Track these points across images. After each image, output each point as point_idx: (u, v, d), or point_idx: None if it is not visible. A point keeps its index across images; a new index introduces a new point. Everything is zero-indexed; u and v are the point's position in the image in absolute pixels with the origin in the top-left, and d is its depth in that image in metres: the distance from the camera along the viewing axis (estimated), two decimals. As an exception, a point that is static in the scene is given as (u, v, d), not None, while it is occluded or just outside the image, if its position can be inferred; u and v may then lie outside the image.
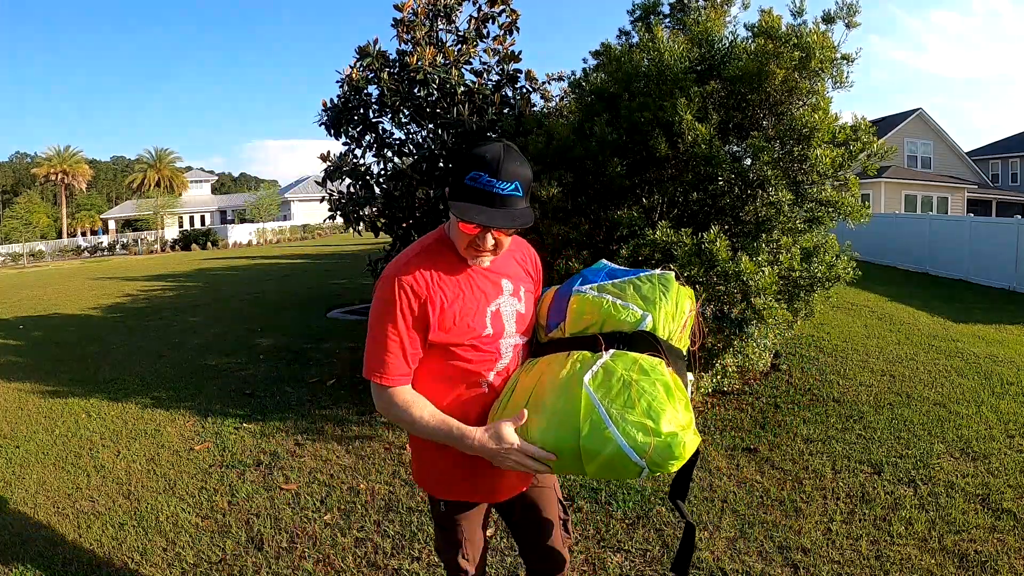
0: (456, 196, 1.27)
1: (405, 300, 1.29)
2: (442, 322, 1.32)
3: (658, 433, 1.16)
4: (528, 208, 1.30)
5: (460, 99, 5.29)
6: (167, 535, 2.80)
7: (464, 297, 1.35)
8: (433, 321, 1.31)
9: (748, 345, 3.86)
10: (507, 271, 1.45)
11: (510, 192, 1.25)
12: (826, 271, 3.89)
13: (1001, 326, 6.42)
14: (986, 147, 29.90)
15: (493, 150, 1.25)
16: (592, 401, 1.21)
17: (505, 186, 1.24)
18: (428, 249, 1.37)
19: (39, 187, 49.29)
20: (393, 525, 2.82)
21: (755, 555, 2.50)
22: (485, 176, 1.23)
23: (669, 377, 1.25)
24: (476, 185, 1.24)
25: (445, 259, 1.36)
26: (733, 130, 4.10)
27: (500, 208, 1.24)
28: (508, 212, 1.25)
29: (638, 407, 1.18)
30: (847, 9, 3.94)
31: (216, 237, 31.11)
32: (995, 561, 2.39)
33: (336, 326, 7.32)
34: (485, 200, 1.24)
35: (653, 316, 1.34)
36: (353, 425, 4.04)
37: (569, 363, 1.31)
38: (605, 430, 1.17)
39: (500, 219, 1.24)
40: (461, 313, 1.34)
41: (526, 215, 1.27)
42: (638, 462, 1.16)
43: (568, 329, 1.41)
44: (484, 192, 1.24)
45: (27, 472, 3.54)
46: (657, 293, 1.39)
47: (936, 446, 3.43)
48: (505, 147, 1.26)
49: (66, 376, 5.58)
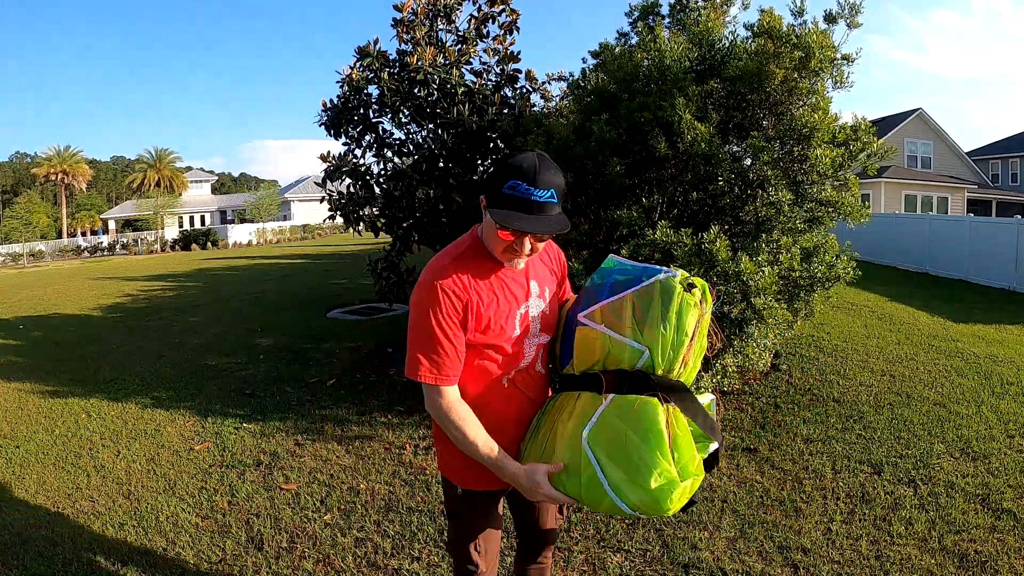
0: (495, 204, 1.33)
1: (448, 303, 1.36)
2: (478, 324, 1.40)
3: (647, 491, 1.26)
4: (563, 214, 1.37)
5: (460, 99, 5.29)
6: (167, 535, 2.80)
7: (498, 301, 1.43)
8: (471, 324, 1.39)
9: (748, 345, 3.85)
10: (535, 273, 1.52)
11: (547, 199, 1.31)
12: (826, 271, 3.89)
13: (1001, 326, 6.42)
14: (986, 147, 29.89)
15: (528, 159, 1.31)
16: (589, 459, 1.32)
17: (542, 193, 1.30)
18: (464, 254, 1.43)
19: (39, 187, 49.28)
20: (393, 525, 2.82)
21: (755, 555, 2.50)
22: (523, 184, 1.29)
23: (663, 422, 1.31)
24: (514, 193, 1.30)
25: (480, 263, 1.43)
26: (733, 130, 4.10)
27: (538, 214, 1.31)
28: (546, 218, 1.32)
29: (629, 464, 1.29)
30: (849, 9, 3.94)
31: (216, 237, 31.10)
32: (995, 561, 2.39)
33: (336, 326, 7.32)
34: (523, 207, 1.30)
35: (651, 350, 1.35)
36: (353, 425, 4.04)
37: (577, 411, 1.40)
38: (601, 487, 1.30)
39: (540, 225, 1.31)
40: (495, 316, 1.42)
41: (563, 221, 1.34)
42: (632, 513, 1.29)
43: (577, 367, 1.47)
44: (522, 200, 1.30)
45: (27, 472, 3.54)
46: (656, 313, 1.35)
47: (936, 446, 3.43)
48: (539, 156, 1.33)
49: (66, 376, 5.58)
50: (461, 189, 5.11)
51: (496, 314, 1.42)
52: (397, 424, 4.01)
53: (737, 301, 3.65)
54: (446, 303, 1.36)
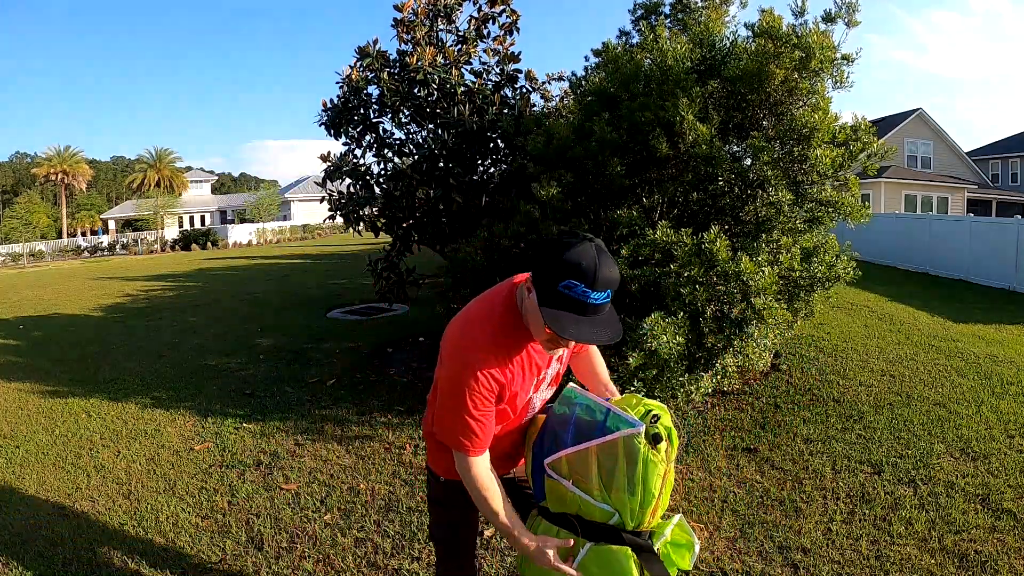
0: (546, 300, 1.26)
1: (486, 390, 1.36)
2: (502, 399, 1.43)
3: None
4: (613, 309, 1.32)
5: (460, 99, 5.29)
6: (167, 535, 2.80)
7: (526, 375, 1.45)
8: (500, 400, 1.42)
9: (748, 345, 3.85)
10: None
11: (603, 301, 1.25)
12: (826, 271, 3.89)
13: (1001, 326, 6.42)
14: (986, 147, 29.89)
15: (588, 257, 1.23)
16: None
17: (600, 296, 1.24)
18: (500, 331, 1.39)
19: (39, 187, 49.27)
20: (393, 525, 2.82)
21: (755, 555, 2.50)
22: (581, 287, 1.22)
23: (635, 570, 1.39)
24: (570, 294, 1.23)
25: (515, 340, 1.40)
26: (733, 130, 4.10)
27: (592, 316, 1.25)
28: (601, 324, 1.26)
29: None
30: (847, 8, 3.94)
31: (216, 237, 31.09)
32: (995, 561, 2.39)
33: (336, 326, 7.32)
34: (577, 309, 1.24)
35: (620, 512, 1.40)
36: (353, 425, 4.05)
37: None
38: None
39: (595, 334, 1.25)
40: (521, 391, 1.45)
41: (616, 326, 1.29)
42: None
43: (552, 507, 1.50)
44: (577, 302, 1.23)
45: (27, 472, 3.54)
46: (622, 479, 1.37)
47: (936, 446, 3.43)
48: (598, 250, 1.25)
49: (66, 376, 5.58)
50: (461, 189, 5.12)
51: (522, 387, 1.45)
52: (397, 424, 4.01)
53: (737, 301, 3.65)
54: (484, 390, 1.36)
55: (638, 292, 3.77)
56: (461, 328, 1.41)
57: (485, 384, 1.35)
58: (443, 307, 4.72)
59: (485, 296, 1.47)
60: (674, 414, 3.97)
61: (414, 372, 5.15)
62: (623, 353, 3.64)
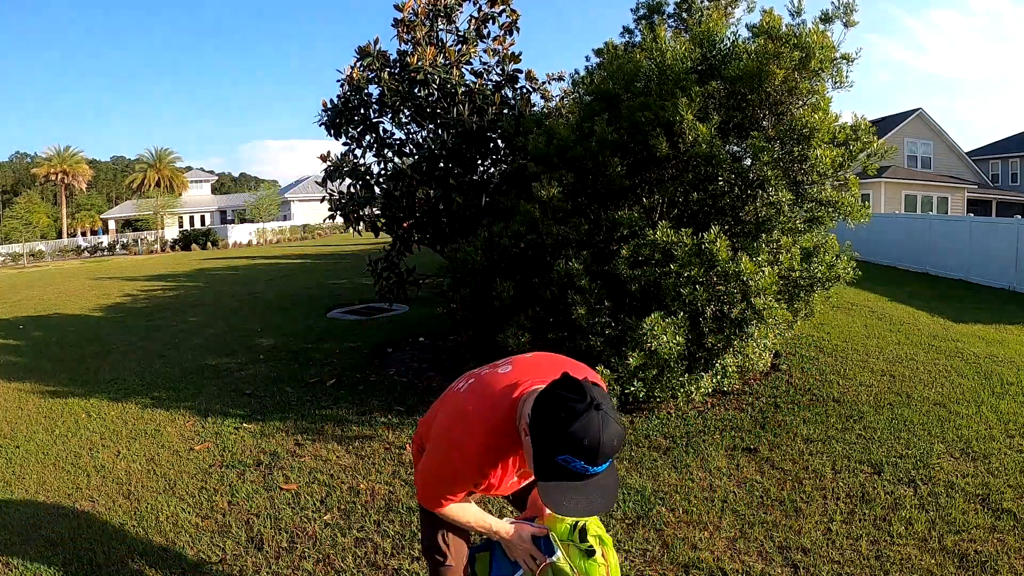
0: (544, 474, 1.22)
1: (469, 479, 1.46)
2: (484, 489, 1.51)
3: None
4: (615, 469, 1.27)
5: (460, 99, 5.29)
6: (167, 535, 2.80)
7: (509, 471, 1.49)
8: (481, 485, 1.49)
9: (748, 345, 3.85)
10: None
11: (603, 469, 1.20)
12: (826, 271, 3.90)
13: (1001, 326, 6.42)
14: (986, 147, 29.89)
15: (592, 433, 1.15)
16: None
17: (600, 468, 1.19)
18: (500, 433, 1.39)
19: (39, 187, 49.26)
20: (393, 525, 2.82)
21: (755, 555, 2.50)
22: (580, 463, 1.17)
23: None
24: (568, 467, 1.18)
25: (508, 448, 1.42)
26: (733, 130, 4.10)
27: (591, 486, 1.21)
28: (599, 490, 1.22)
29: None
30: (844, 8, 3.94)
31: (216, 237, 31.08)
32: (995, 561, 2.39)
33: (336, 326, 7.32)
34: (575, 478, 1.20)
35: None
36: (353, 425, 4.04)
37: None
38: None
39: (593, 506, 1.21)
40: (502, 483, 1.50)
41: (613, 488, 1.25)
42: None
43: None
44: (576, 474, 1.19)
45: (27, 472, 3.54)
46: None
47: (936, 446, 3.42)
48: (603, 421, 1.15)
49: (66, 376, 5.58)
50: (461, 189, 5.12)
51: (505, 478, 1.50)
52: (397, 424, 4.01)
53: (737, 301, 3.65)
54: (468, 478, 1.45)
55: (638, 292, 3.78)
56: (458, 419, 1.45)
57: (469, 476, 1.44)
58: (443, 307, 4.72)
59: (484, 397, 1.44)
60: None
61: (414, 372, 5.15)
62: (623, 353, 3.65)
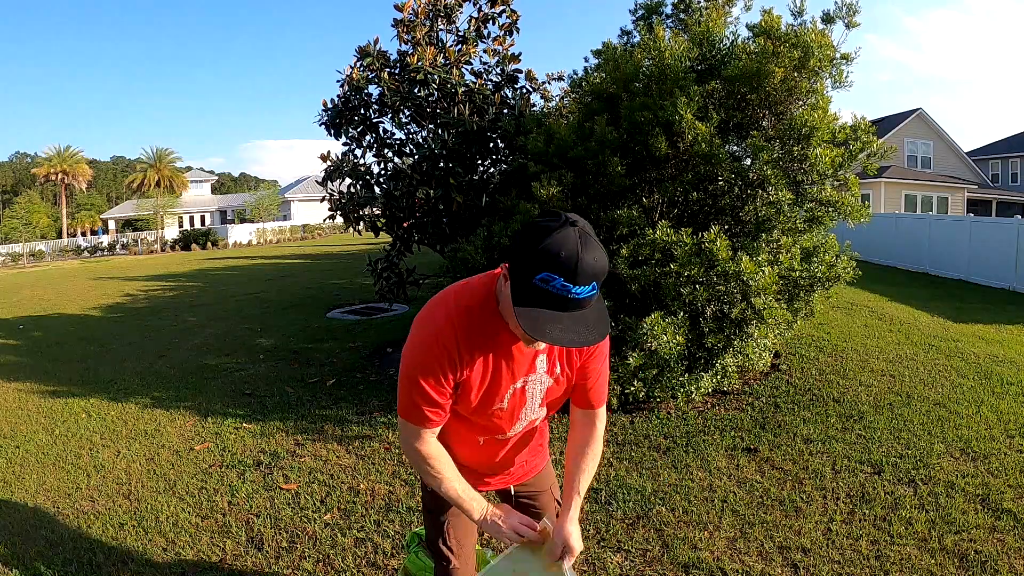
0: (521, 297, 1.08)
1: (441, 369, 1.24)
2: (464, 393, 1.29)
3: None
4: (602, 305, 1.15)
5: (460, 99, 5.30)
6: (167, 535, 2.80)
7: (493, 374, 1.29)
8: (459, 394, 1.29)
9: (748, 345, 3.86)
10: (547, 348, 1.32)
11: (587, 295, 1.07)
12: (826, 271, 3.90)
13: (1001, 326, 6.41)
14: (986, 147, 29.89)
15: (569, 245, 1.04)
16: None
17: (582, 290, 1.06)
18: (471, 312, 1.25)
19: (39, 187, 49.25)
20: (393, 525, 2.82)
21: (755, 555, 2.50)
22: (560, 280, 1.04)
23: None
24: (547, 288, 1.05)
25: (488, 329, 1.25)
26: (733, 130, 4.10)
27: (574, 311, 1.07)
28: (585, 322, 1.09)
29: None
30: (846, 9, 3.95)
31: (216, 237, 31.08)
32: (995, 561, 2.39)
33: (336, 326, 7.32)
34: (556, 305, 1.06)
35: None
36: (353, 425, 4.04)
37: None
38: None
39: (579, 336, 1.07)
40: (486, 390, 1.30)
41: (603, 324, 1.11)
42: None
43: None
44: (556, 297, 1.05)
45: (27, 472, 3.54)
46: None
47: (936, 446, 3.42)
48: (581, 235, 1.06)
49: (66, 376, 5.58)
50: (461, 189, 5.12)
51: (488, 387, 1.29)
52: (397, 424, 4.01)
53: (737, 301, 3.65)
54: (438, 367, 1.24)
55: (638, 292, 3.78)
56: (434, 300, 1.30)
57: (440, 365, 1.23)
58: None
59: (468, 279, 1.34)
60: (674, 414, 3.97)
61: (414, 372, 5.15)
62: (623, 353, 3.65)
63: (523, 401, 1.36)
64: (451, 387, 1.27)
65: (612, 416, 3.93)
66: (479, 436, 1.44)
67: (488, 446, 1.48)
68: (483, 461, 1.53)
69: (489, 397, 1.31)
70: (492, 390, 1.30)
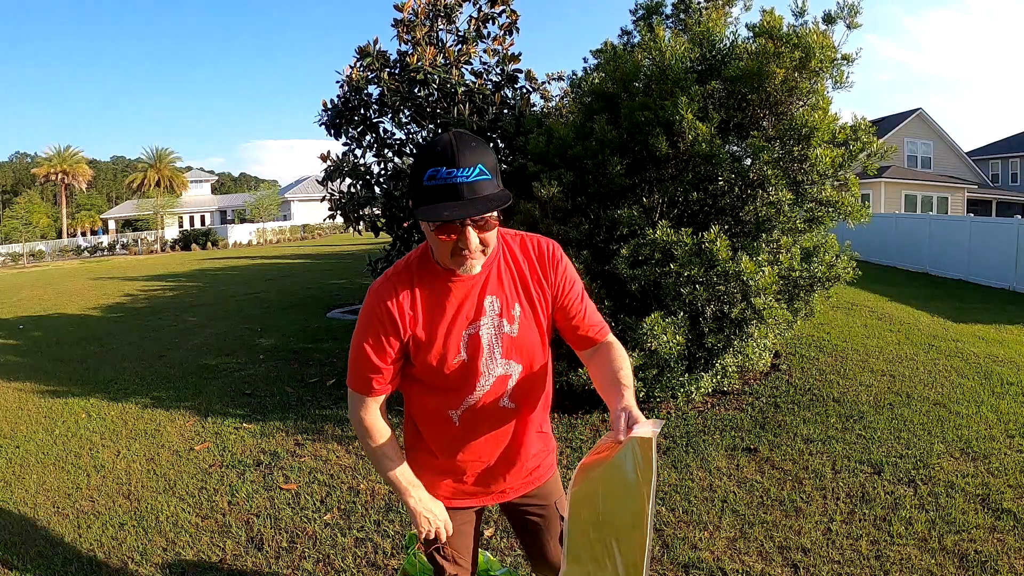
0: (420, 203, 1.14)
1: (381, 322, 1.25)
2: (417, 351, 1.27)
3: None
4: (503, 190, 1.16)
5: (460, 99, 5.29)
6: (167, 535, 2.80)
7: (440, 322, 1.27)
8: (407, 342, 1.27)
9: (748, 345, 3.85)
10: (495, 288, 1.29)
11: (476, 178, 1.11)
12: (826, 271, 3.90)
13: (1001, 326, 6.42)
14: (986, 147, 29.89)
15: (442, 140, 1.12)
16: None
17: (467, 172, 1.10)
18: (409, 267, 1.29)
19: (39, 187, 49.25)
20: (393, 525, 2.82)
21: (755, 555, 2.50)
22: (443, 169, 1.10)
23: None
24: (436, 182, 1.10)
25: (426, 279, 1.27)
26: (733, 130, 4.10)
27: (470, 197, 1.10)
28: (480, 199, 1.11)
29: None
30: (848, 9, 3.94)
31: (216, 237, 31.08)
32: (995, 561, 2.39)
33: (336, 326, 7.32)
34: (450, 195, 1.10)
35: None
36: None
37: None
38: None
39: (472, 208, 1.10)
40: (438, 341, 1.27)
41: (501, 196, 1.13)
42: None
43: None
44: (447, 187, 1.10)
45: (27, 472, 3.54)
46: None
47: (936, 446, 3.42)
48: (456, 134, 1.14)
49: (66, 376, 5.58)
50: (461, 189, 5.11)
51: (440, 343, 1.26)
52: (397, 424, 4.00)
53: (737, 301, 3.65)
54: (380, 329, 1.25)
55: (638, 292, 3.78)
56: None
57: (381, 318, 1.24)
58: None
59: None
60: (673, 415, 3.97)
61: (414, 372, 5.15)
62: (623, 353, 3.64)
63: (480, 349, 1.29)
64: (395, 350, 1.27)
65: (612, 416, 3.92)
66: (451, 410, 1.34)
67: (467, 426, 1.36)
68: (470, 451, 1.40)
69: (444, 348, 1.27)
70: (445, 341, 1.27)
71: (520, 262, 1.33)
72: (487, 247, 1.21)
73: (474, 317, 1.28)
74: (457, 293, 1.27)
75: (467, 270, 1.23)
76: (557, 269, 1.35)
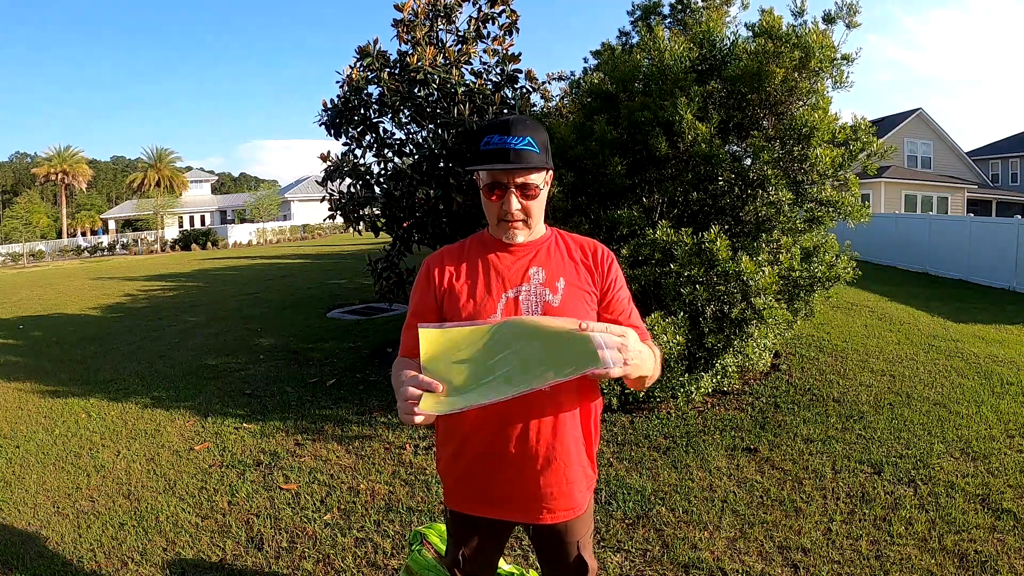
0: (473, 161, 1.34)
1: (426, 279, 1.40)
2: (452, 303, 1.35)
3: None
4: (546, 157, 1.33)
5: (460, 99, 5.29)
6: (167, 535, 2.80)
7: (483, 280, 1.37)
8: (446, 305, 1.36)
9: (748, 345, 3.85)
10: (544, 260, 1.38)
11: (523, 146, 1.29)
12: (826, 271, 3.90)
13: (1001, 326, 6.41)
14: (986, 147, 29.89)
15: (503, 117, 1.34)
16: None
17: (517, 140, 1.28)
18: (464, 241, 1.47)
19: (39, 187, 49.25)
20: (393, 525, 2.82)
21: (755, 555, 2.50)
22: (497, 136, 1.30)
23: None
24: (490, 147, 1.30)
25: (477, 248, 1.42)
26: (733, 130, 4.10)
27: (516, 162, 1.28)
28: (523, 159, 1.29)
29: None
30: (847, 9, 3.94)
31: (216, 237, 31.07)
32: (995, 561, 2.39)
33: (336, 326, 7.32)
34: (500, 157, 1.29)
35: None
36: (353, 425, 4.04)
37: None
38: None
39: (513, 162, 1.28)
40: (478, 299, 1.34)
41: (541, 159, 1.31)
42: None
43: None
44: (498, 150, 1.29)
45: (27, 472, 3.54)
46: None
47: (936, 446, 3.42)
48: (517, 116, 1.34)
49: (66, 376, 5.58)
50: (461, 189, 5.11)
51: (479, 300, 1.33)
52: (397, 424, 4.01)
53: (737, 301, 3.65)
54: (425, 285, 1.40)
55: (638, 292, 3.78)
56: None
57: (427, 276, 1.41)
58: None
59: None
60: (674, 413, 3.97)
61: (414, 372, 5.14)
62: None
63: (518, 311, 1.32)
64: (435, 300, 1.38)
65: (612, 416, 3.93)
66: None
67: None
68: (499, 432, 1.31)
69: (480, 305, 1.33)
70: (483, 299, 1.34)
71: (573, 251, 1.44)
72: (529, 217, 1.35)
73: (518, 283, 1.37)
74: (504, 260, 1.39)
75: (511, 238, 1.37)
76: (608, 268, 1.44)
